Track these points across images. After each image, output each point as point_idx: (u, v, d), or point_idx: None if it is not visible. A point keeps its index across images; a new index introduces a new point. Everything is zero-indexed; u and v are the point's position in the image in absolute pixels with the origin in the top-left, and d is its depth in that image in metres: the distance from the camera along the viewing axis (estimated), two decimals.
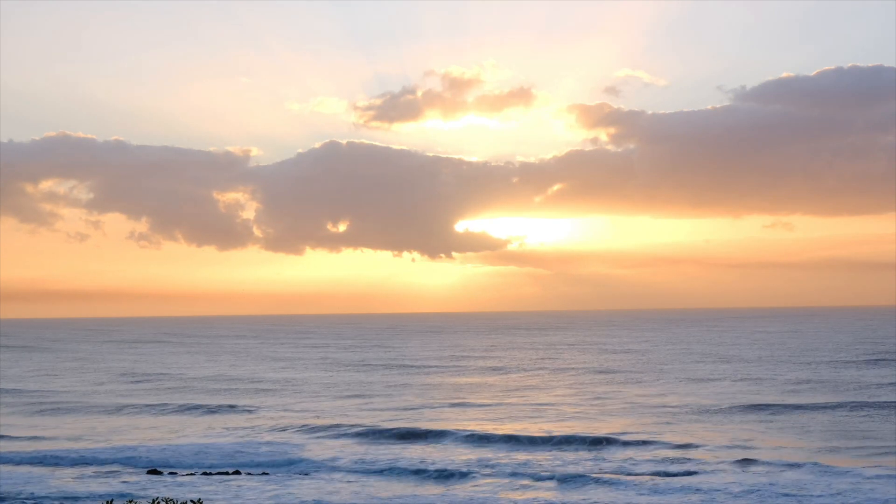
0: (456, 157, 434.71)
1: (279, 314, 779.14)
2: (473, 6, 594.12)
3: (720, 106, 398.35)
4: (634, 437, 51.36)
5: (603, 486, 39.49)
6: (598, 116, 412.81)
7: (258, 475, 44.02)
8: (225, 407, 69.86)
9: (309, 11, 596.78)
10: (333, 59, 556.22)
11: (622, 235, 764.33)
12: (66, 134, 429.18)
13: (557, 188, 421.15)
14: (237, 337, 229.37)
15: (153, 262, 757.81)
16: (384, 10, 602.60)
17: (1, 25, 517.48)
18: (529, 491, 39.20)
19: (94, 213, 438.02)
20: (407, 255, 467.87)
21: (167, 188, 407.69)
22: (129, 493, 39.79)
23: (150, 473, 44.96)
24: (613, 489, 38.89)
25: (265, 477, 43.39)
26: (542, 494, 38.58)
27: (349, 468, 44.70)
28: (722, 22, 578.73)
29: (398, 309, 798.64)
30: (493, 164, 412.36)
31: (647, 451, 47.27)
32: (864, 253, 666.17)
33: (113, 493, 39.79)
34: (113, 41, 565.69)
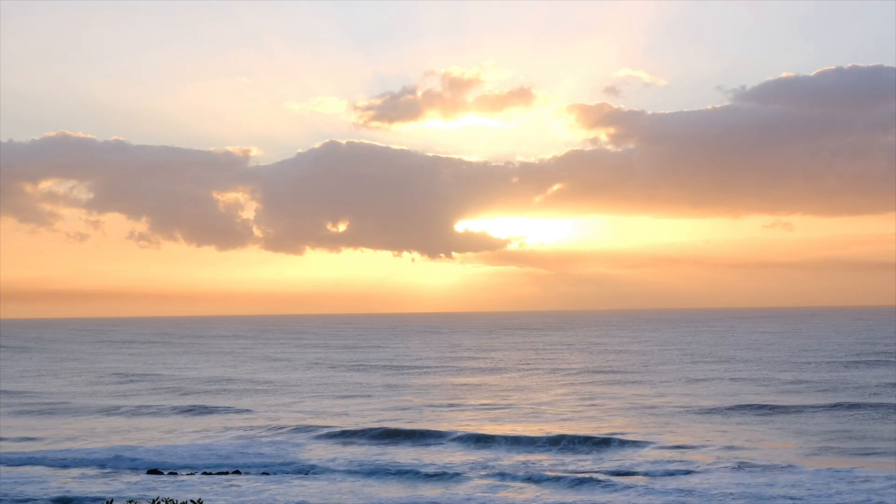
0: (456, 157, 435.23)
1: (279, 314, 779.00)
2: (473, 6, 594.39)
3: (720, 106, 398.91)
4: (632, 437, 51.34)
5: (599, 486, 39.50)
6: (597, 116, 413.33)
7: (258, 475, 44.11)
8: (222, 408, 69.91)
9: (309, 11, 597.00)
10: (333, 59, 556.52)
11: (622, 235, 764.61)
12: (65, 134, 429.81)
13: (557, 188, 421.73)
14: (235, 337, 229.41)
15: (153, 262, 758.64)
16: (384, 10, 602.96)
17: (1, 25, 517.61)
18: (527, 491, 39.23)
19: (93, 213, 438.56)
20: (407, 255, 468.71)
21: (167, 188, 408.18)
22: (129, 493, 39.87)
23: (149, 473, 45.04)
24: (610, 490, 38.87)
25: (265, 477, 43.48)
26: (539, 495, 38.61)
27: (348, 469, 44.70)
28: (722, 22, 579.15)
29: (398, 309, 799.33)
30: (492, 164, 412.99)
31: (644, 451, 47.27)
32: (864, 253, 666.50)
33: (113, 493, 39.89)
34: (113, 41, 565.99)
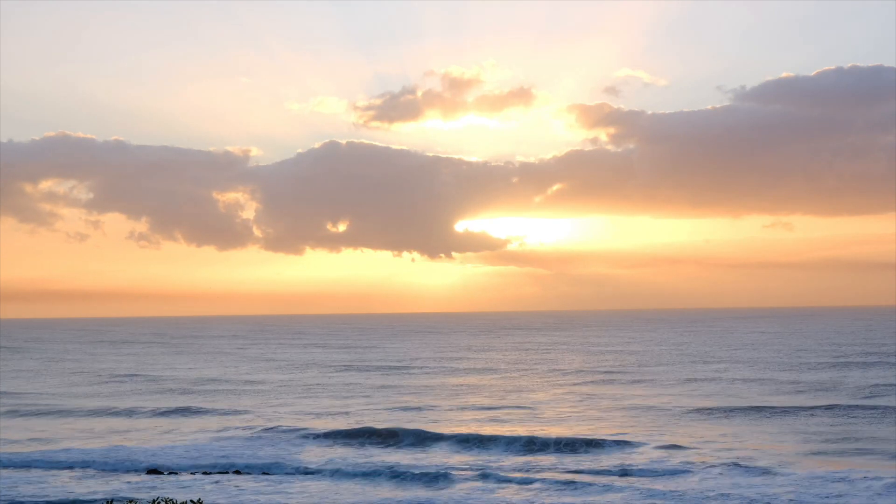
0: (456, 157, 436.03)
1: (279, 314, 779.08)
2: (473, 6, 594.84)
3: (720, 106, 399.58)
4: (628, 437, 51.30)
5: (597, 487, 39.54)
6: (597, 116, 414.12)
7: (258, 475, 44.24)
8: (220, 409, 69.90)
9: (309, 11, 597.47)
10: (333, 59, 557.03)
11: (622, 235, 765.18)
12: (65, 134, 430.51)
13: (557, 188, 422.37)
14: (233, 337, 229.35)
15: (153, 262, 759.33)
16: (384, 10, 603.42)
17: (1, 25, 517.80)
18: (523, 492, 39.24)
19: (93, 213, 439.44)
20: (407, 255, 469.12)
21: (167, 188, 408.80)
22: (129, 493, 40.02)
23: (149, 473, 45.20)
24: (606, 491, 38.87)
25: (265, 477, 43.62)
26: (535, 496, 38.61)
27: (346, 471, 44.62)
28: (722, 22, 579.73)
29: (398, 309, 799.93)
30: (492, 164, 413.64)
31: (641, 452, 47.24)
32: (864, 253, 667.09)
33: (113, 493, 40.04)
34: (113, 41, 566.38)
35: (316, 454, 49.28)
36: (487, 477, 42.25)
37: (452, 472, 43.50)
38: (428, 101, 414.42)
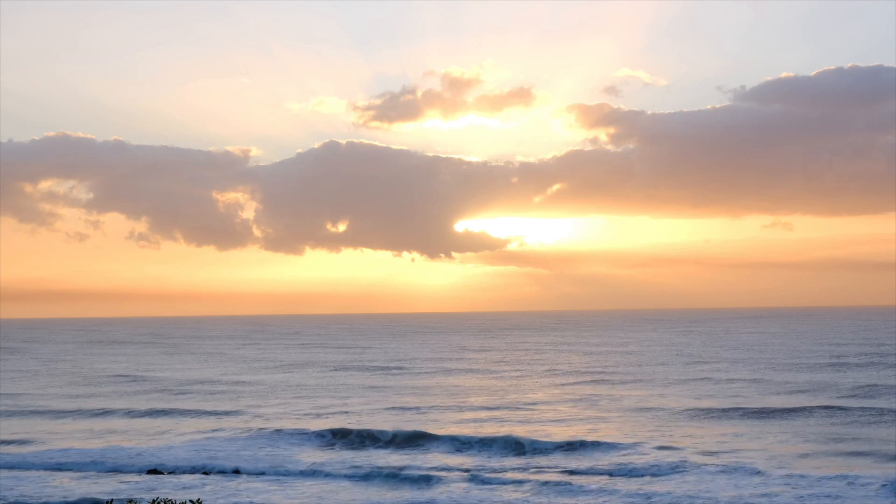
0: (456, 157, 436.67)
1: (279, 314, 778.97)
2: (473, 6, 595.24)
3: (720, 106, 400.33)
4: (624, 439, 51.12)
5: (589, 489, 39.43)
6: (597, 116, 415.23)
7: (255, 476, 44.36)
8: (217, 410, 69.95)
9: (309, 11, 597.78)
10: (333, 59, 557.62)
11: (622, 235, 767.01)
12: (65, 134, 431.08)
13: (557, 188, 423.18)
14: (231, 338, 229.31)
15: (152, 262, 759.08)
16: (384, 10, 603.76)
17: (1, 25, 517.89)
18: (516, 494, 39.14)
19: (93, 212, 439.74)
20: (407, 255, 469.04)
21: (166, 188, 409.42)
22: (129, 493, 40.16)
23: (149, 473, 45.33)
24: (600, 493, 38.79)
25: (262, 478, 43.75)
26: (527, 497, 38.55)
27: (342, 472, 44.55)
28: (722, 22, 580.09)
29: (398, 309, 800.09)
30: (492, 164, 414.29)
31: (636, 454, 47.08)
32: (864, 253, 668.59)
33: (113, 493, 40.18)
34: (113, 41, 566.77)
35: (311, 455, 49.29)
36: (481, 478, 42.11)
37: (447, 473, 43.48)
38: (428, 101, 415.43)
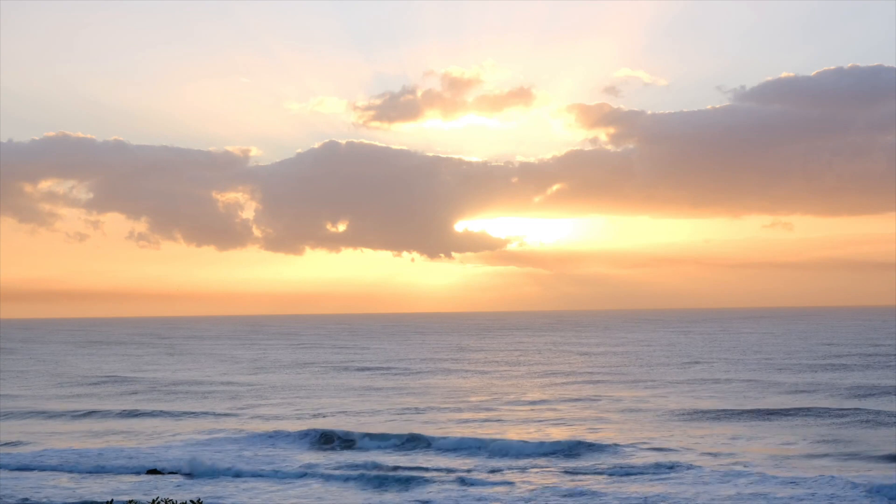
0: (456, 157, 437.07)
1: (279, 314, 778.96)
2: (473, 6, 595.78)
3: (720, 106, 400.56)
4: (619, 440, 50.91)
5: (582, 491, 39.26)
6: (597, 116, 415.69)
7: (253, 476, 44.40)
8: (213, 411, 69.90)
9: (309, 11, 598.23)
10: (333, 59, 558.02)
11: (622, 235, 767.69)
12: (65, 134, 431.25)
13: (557, 188, 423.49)
14: (228, 338, 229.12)
15: (152, 262, 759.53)
16: (384, 9, 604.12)
17: (1, 25, 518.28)
18: (508, 496, 39.00)
19: (93, 212, 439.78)
20: (406, 255, 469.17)
21: (166, 188, 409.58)
22: (129, 493, 40.36)
23: (149, 473, 45.47)
24: (594, 496, 38.56)
25: (260, 479, 43.86)
26: (519, 499, 38.46)
27: (337, 474, 44.38)
28: (722, 22, 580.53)
29: (398, 309, 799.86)
30: (492, 164, 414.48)
31: (632, 455, 46.95)
32: (864, 253, 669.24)
33: (113, 493, 40.38)
34: (112, 41, 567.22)
35: (305, 456, 49.14)
36: (475, 480, 41.87)
37: (441, 474, 43.30)
38: (428, 101, 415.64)
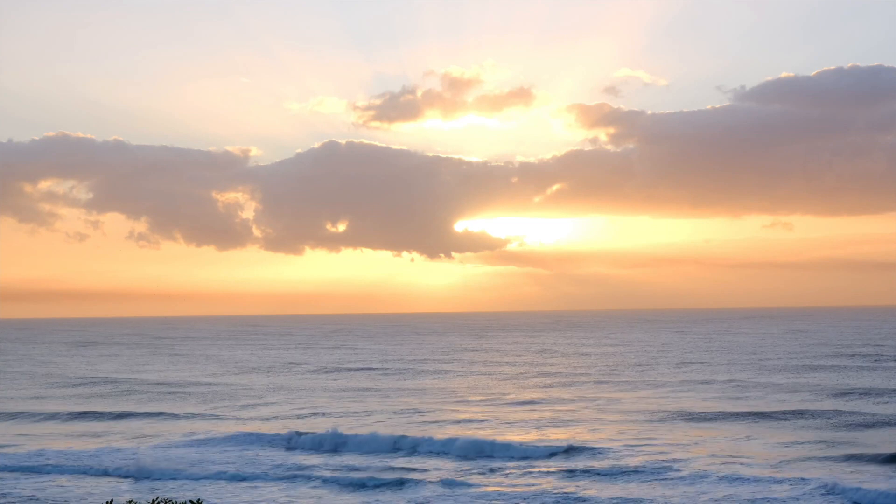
0: (455, 157, 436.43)
1: (279, 314, 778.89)
2: (473, 6, 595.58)
3: (720, 106, 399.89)
4: (614, 443, 50.45)
5: (576, 496, 38.93)
6: (597, 116, 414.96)
7: (255, 477, 44.52)
8: (210, 413, 69.88)
9: (309, 11, 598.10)
10: (333, 59, 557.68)
11: (622, 235, 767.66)
12: (65, 134, 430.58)
13: (557, 188, 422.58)
14: (227, 338, 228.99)
15: (152, 262, 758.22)
16: (384, 10, 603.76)
17: (1, 25, 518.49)
18: (498, 499, 38.82)
19: (93, 212, 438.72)
20: (406, 255, 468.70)
21: (166, 188, 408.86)
22: (128, 493, 40.50)
23: (148, 474, 45.51)
24: (585, 501, 38.32)
25: (264, 478, 43.97)
26: (510, 502, 38.34)
27: (325, 476, 44.11)
28: (722, 22, 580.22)
29: (398, 309, 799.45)
30: (492, 164, 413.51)
31: (625, 457, 46.61)
32: (864, 253, 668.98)
33: (112, 493, 40.53)
34: (112, 41, 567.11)
35: (294, 458, 48.87)
36: (466, 483, 41.56)
37: (428, 476, 43.04)
38: (428, 101, 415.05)
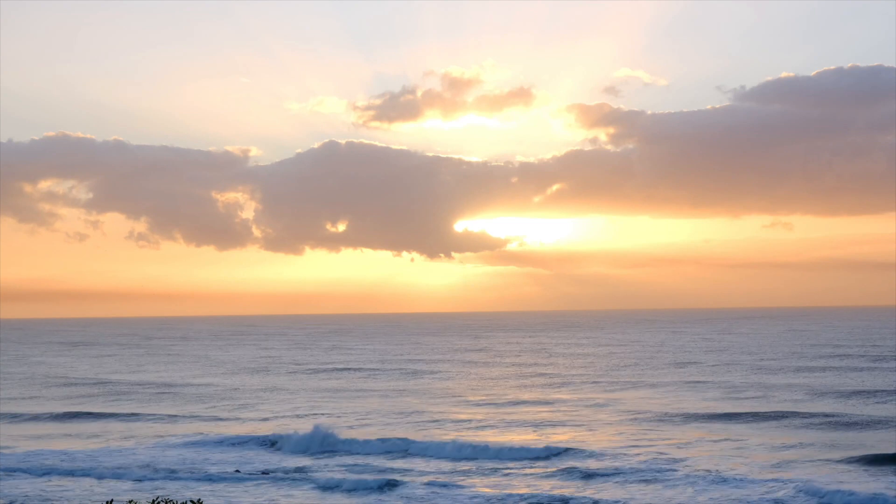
0: (455, 157, 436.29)
1: (278, 314, 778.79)
2: (473, 6, 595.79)
3: (720, 106, 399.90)
4: (603, 445, 50.02)
5: (564, 498, 38.56)
6: (597, 116, 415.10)
7: (248, 479, 44.40)
8: (207, 414, 69.98)
9: (309, 11, 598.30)
10: (333, 59, 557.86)
11: (622, 235, 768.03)
12: (65, 134, 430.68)
13: (557, 188, 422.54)
14: (224, 338, 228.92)
15: (152, 262, 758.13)
16: (384, 10, 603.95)
17: (1, 25, 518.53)
18: (485, 501, 38.58)
19: (93, 212, 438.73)
20: (406, 255, 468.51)
21: (166, 188, 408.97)
22: (128, 493, 40.56)
23: (147, 474, 45.60)
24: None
25: (264, 478, 44.02)
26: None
27: (311, 478, 43.93)
28: (722, 22, 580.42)
29: (398, 309, 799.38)
30: (492, 163, 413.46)
31: (614, 460, 46.07)
32: (864, 253, 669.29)
33: (112, 493, 40.60)
34: (112, 41, 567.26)
35: (286, 460, 48.72)
36: (455, 484, 41.22)
37: (413, 478, 42.66)
38: (428, 101, 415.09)
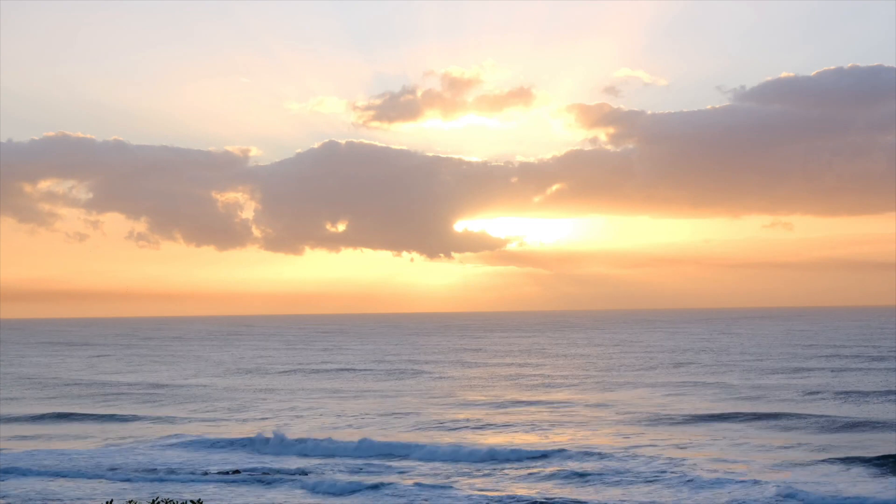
0: (455, 157, 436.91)
1: (278, 314, 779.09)
2: (473, 6, 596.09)
3: (720, 106, 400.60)
4: (600, 447, 49.64)
5: (558, 500, 38.20)
6: (597, 116, 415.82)
7: (257, 477, 44.55)
8: (205, 415, 70.17)
9: (309, 11, 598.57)
10: (333, 58, 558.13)
11: (622, 235, 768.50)
12: (65, 134, 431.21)
13: (557, 188, 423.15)
14: (224, 338, 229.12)
15: (152, 262, 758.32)
16: (384, 9, 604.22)
17: (1, 25, 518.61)
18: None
19: (92, 212, 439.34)
20: (406, 255, 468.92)
21: (166, 188, 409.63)
22: (128, 493, 40.65)
23: (147, 473, 45.68)
24: None
25: (265, 478, 44.09)
26: None
27: (297, 479, 43.80)
28: (722, 22, 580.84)
29: (397, 309, 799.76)
30: (492, 163, 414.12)
31: (611, 461, 45.77)
32: (864, 253, 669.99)
33: (112, 493, 40.68)
34: (112, 41, 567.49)
35: (276, 462, 48.55)
36: (446, 486, 41.06)
37: (408, 480, 42.60)
38: (428, 101, 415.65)
